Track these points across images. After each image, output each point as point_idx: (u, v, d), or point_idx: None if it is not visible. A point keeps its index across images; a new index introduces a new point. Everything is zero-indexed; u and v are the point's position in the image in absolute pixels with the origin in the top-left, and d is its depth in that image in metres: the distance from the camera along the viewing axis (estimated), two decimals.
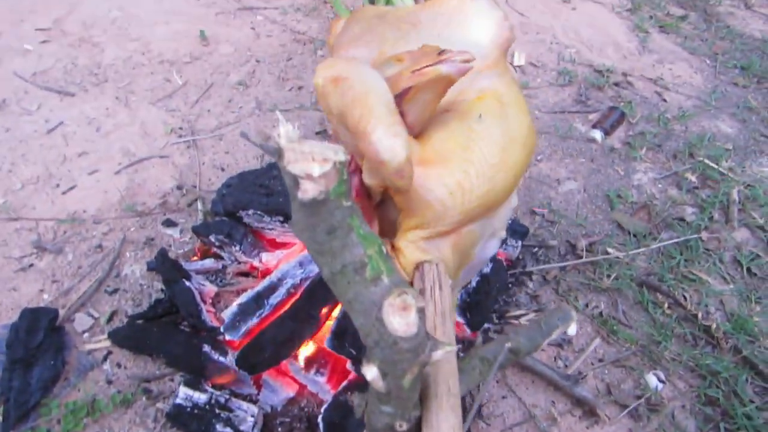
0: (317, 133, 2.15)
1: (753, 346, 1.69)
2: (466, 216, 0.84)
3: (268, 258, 1.60)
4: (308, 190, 0.57)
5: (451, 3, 1.00)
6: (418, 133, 0.86)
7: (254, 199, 1.56)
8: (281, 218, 1.49)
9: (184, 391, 1.31)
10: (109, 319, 1.51)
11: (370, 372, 0.64)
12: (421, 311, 0.60)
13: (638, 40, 2.97)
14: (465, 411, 0.97)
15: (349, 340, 1.25)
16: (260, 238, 1.64)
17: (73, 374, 1.38)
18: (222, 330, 1.35)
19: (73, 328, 1.48)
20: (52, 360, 1.36)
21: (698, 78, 2.79)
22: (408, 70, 0.80)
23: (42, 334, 1.38)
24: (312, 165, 0.57)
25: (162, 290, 1.58)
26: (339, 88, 0.76)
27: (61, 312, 1.49)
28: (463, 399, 0.95)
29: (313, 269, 1.44)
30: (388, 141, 0.72)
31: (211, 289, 1.53)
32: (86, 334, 1.47)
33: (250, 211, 1.53)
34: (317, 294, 1.35)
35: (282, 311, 1.38)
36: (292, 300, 1.40)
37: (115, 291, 1.59)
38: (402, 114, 0.80)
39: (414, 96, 0.81)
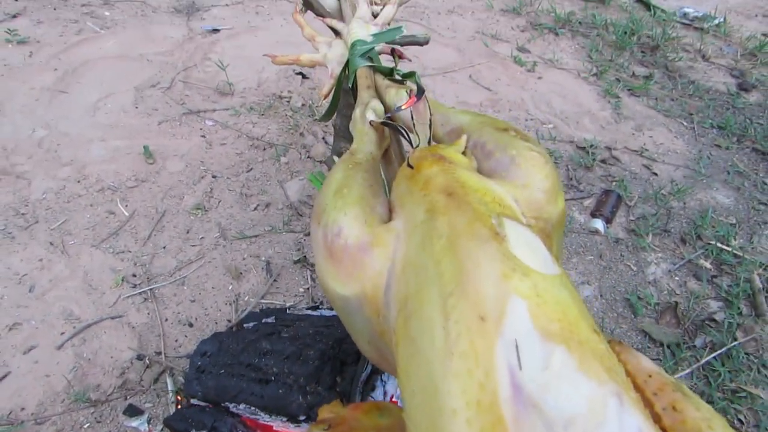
0: (296, 262, 1.86)
1: None
2: None
3: None
4: None
5: None
6: None
7: (243, 387, 1.25)
8: (284, 418, 1.19)
9: None
10: None
11: None
12: None
13: (611, 107, 2.83)
14: None
15: None
16: (252, 425, 1.32)
17: None
18: None
19: None
20: None
21: (680, 143, 2.65)
22: None
23: None
24: None
25: None
26: None
27: None
28: None
29: None
30: None
31: None
32: None
33: (242, 407, 1.23)
34: None
35: None
36: None
37: None
38: None
39: None
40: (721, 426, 0.71)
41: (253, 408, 1.21)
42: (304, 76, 2.71)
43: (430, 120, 0.97)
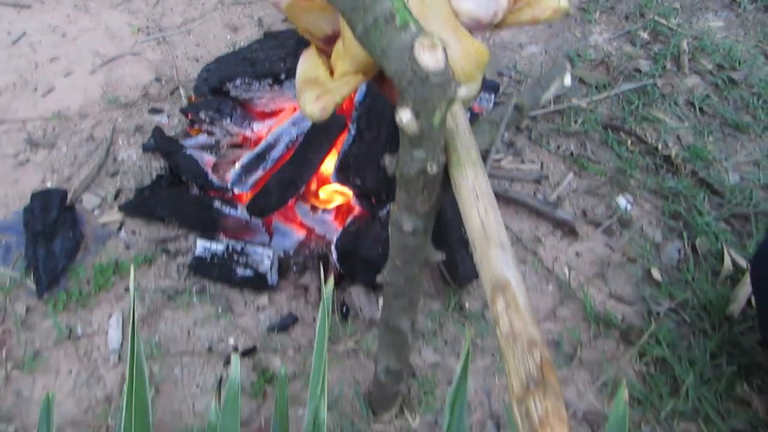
0: (284, 21, 2.18)
1: (708, 170, 1.85)
2: None
3: (259, 127, 1.66)
4: None
5: None
6: None
7: (240, 71, 1.61)
8: (270, 81, 1.55)
9: (201, 244, 1.40)
10: (116, 197, 1.58)
11: (405, 115, 0.73)
12: (445, 51, 0.69)
13: None
14: None
15: (353, 173, 1.35)
16: (249, 110, 1.70)
17: (93, 243, 1.45)
18: (230, 185, 1.44)
19: (83, 207, 1.54)
20: (71, 232, 1.43)
21: None
22: None
23: (56, 211, 1.44)
24: None
25: (162, 168, 1.65)
26: None
27: (68, 195, 1.54)
28: None
29: (307, 126, 1.52)
30: (305, 106, 0.83)
31: (209, 159, 1.60)
32: (96, 211, 1.54)
33: (238, 82, 1.59)
34: (313, 141, 1.43)
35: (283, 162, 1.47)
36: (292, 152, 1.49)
37: (116, 173, 1.64)
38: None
39: None
40: None
41: (247, 79, 1.57)
42: None
43: None
